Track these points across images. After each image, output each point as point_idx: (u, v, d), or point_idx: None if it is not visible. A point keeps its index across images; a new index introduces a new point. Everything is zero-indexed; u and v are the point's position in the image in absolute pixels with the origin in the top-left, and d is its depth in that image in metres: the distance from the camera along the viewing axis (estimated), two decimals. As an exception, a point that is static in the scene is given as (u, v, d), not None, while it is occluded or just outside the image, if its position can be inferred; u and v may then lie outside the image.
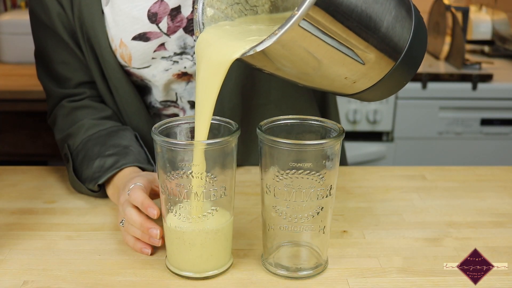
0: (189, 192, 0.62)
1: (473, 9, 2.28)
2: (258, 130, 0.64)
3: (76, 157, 0.88)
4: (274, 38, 0.52)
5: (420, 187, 0.92)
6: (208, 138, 0.65)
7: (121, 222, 0.73)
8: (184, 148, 0.62)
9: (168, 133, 0.66)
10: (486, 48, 2.21)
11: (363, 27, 0.54)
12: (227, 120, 0.67)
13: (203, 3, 0.66)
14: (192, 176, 0.62)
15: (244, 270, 0.68)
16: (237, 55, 0.57)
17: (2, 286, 0.64)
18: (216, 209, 0.63)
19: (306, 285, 0.65)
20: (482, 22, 2.21)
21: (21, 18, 1.93)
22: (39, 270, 0.67)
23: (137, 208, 0.71)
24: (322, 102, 1.03)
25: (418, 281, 0.66)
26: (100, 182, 0.82)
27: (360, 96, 0.65)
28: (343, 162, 1.10)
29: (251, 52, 0.54)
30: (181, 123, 0.67)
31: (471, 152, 1.97)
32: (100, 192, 0.85)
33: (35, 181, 0.93)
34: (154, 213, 0.68)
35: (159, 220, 0.68)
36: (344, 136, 0.63)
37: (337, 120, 1.06)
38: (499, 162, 1.94)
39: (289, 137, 0.64)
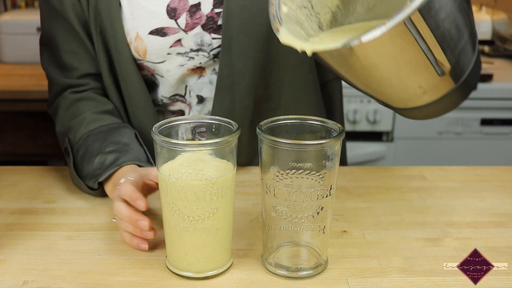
0: (189, 192, 0.62)
1: (473, 9, 2.28)
2: (258, 130, 0.64)
3: (76, 152, 0.87)
4: (384, 29, 0.52)
5: (420, 187, 0.92)
6: (208, 138, 0.65)
7: (114, 218, 0.73)
8: (184, 149, 0.62)
9: (168, 133, 0.66)
10: (486, 48, 2.21)
11: (450, 35, 0.57)
12: (227, 120, 0.67)
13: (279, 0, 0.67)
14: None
15: (244, 270, 0.68)
16: (337, 44, 0.56)
17: (2, 286, 0.64)
18: (216, 209, 0.63)
19: (306, 285, 0.65)
20: (482, 22, 2.21)
21: (21, 18, 1.93)
22: (39, 270, 0.67)
23: (126, 202, 0.71)
24: (328, 109, 1.04)
25: (418, 281, 0.66)
26: (101, 179, 0.81)
27: (419, 111, 0.66)
28: (343, 162, 1.10)
29: (356, 42, 0.54)
30: (181, 123, 0.67)
31: (471, 152, 1.96)
32: (99, 191, 0.85)
33: (35, 181, 0.93)
34: (142, 205, 0.68)
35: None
36: (344, 136, 0.63)
37: (342, 118, 1.07)
38: (499, 162, 1.94)
39: (289, 137, 0.64)
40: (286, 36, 0.63)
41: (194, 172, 0.62)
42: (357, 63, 0.58)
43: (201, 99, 0.94)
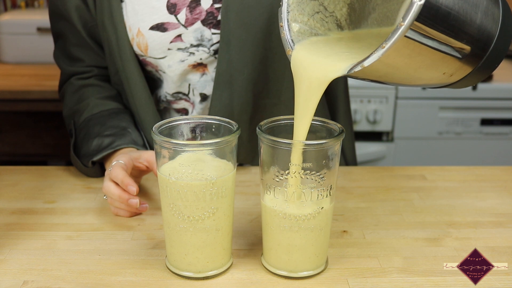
0: (189, 192, 0.62)
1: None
2: (258, 130, 0.64)
3: (79, 134, 0.93)
4: (382, 51, 0.52)
5: (420, 187, 0.92)
6: (208, 138, 0.65)
7: (104, 196, 0.79)
8: (184, 149, 0.62)
9: (168, 132, 0.66)
10: (486, 48, 2.20)
11: (459, 25, 0.55)
12: (227, 120, 0.67)
13: (288, 19, 0.67)
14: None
15: (244, 270, 0.68)
16: (338, 73, 0.58)
17: (2, 286, 0.64)
18: (216, 209, 0.63)
19: (306, 285, 0.65)
20: (482, 22, 2.21)
21: (21, 18, 1.93)
22: (39, 270, 0.67)
23: (115, 182, 0.76)
24: (331, 102, 1.03)
25: (418, 281, 0.66)
26: (95, 159, 0.87)
27: (454, 85, 0.65)
28: (353, 162, 1.10)
29: (359, 68, 0.55)
30: (181, 123, 0.67)
31: (471, 152, 1.97)
32: (91, 169, 0.90)
33: (35, 181, 0.93)
34: (133, 190, 0.75)
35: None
36: (344, 136, 0.63)
37: (348, 117, 1.07)
38: (499, 162, 1.95)
39: (289, 137, 0.64)
40: (294, 63, 0.64)
41: (194, 172, 0.62)
42: (371, 74, 0.58)
43: (204, 97, 0.95)
